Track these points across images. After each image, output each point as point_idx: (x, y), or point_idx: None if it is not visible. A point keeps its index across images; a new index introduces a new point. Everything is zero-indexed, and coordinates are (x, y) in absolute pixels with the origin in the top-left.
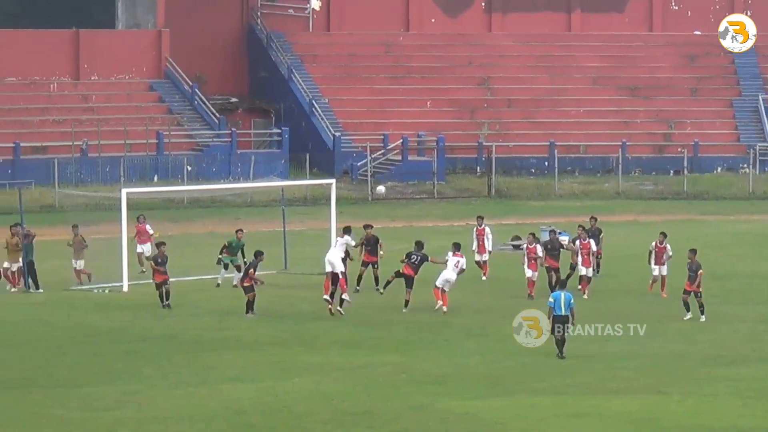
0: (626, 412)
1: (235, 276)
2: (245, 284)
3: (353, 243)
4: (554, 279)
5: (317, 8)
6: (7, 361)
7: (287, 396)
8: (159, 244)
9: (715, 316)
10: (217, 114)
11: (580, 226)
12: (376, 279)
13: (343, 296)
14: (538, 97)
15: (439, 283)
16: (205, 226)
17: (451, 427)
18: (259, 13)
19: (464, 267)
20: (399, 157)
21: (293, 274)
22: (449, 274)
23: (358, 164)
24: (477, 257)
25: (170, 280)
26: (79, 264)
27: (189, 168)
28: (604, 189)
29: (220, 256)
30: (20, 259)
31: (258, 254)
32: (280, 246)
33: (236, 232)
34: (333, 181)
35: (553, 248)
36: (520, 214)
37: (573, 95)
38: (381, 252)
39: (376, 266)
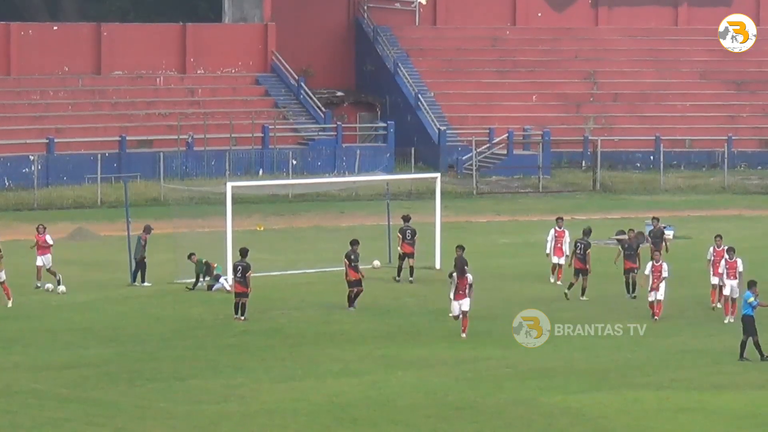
0: (730, 408)
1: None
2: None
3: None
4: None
5: (424, 2)
6: (114, 354)
7: (391, 390)
8: (242, 251)
9: None
10: (322, 108)
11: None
12: (411, 270)
13: (463, 335)
14: (644, 91)
15: (456, 312)
16: (309, 220)
17: (555, 422)
18: (365, 7)
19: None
20: (504, 151)
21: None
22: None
23: (464, 158)
24: (555, 260)
25: (250, 293)
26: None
27: (294, 162)
28: (710, 183)
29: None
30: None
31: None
32: (384, 240)
33: (189, 256)
34: (438, 175)
35: (629, 248)
36: (624, 208)
37: (679, 89)
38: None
39: (412, 257)
